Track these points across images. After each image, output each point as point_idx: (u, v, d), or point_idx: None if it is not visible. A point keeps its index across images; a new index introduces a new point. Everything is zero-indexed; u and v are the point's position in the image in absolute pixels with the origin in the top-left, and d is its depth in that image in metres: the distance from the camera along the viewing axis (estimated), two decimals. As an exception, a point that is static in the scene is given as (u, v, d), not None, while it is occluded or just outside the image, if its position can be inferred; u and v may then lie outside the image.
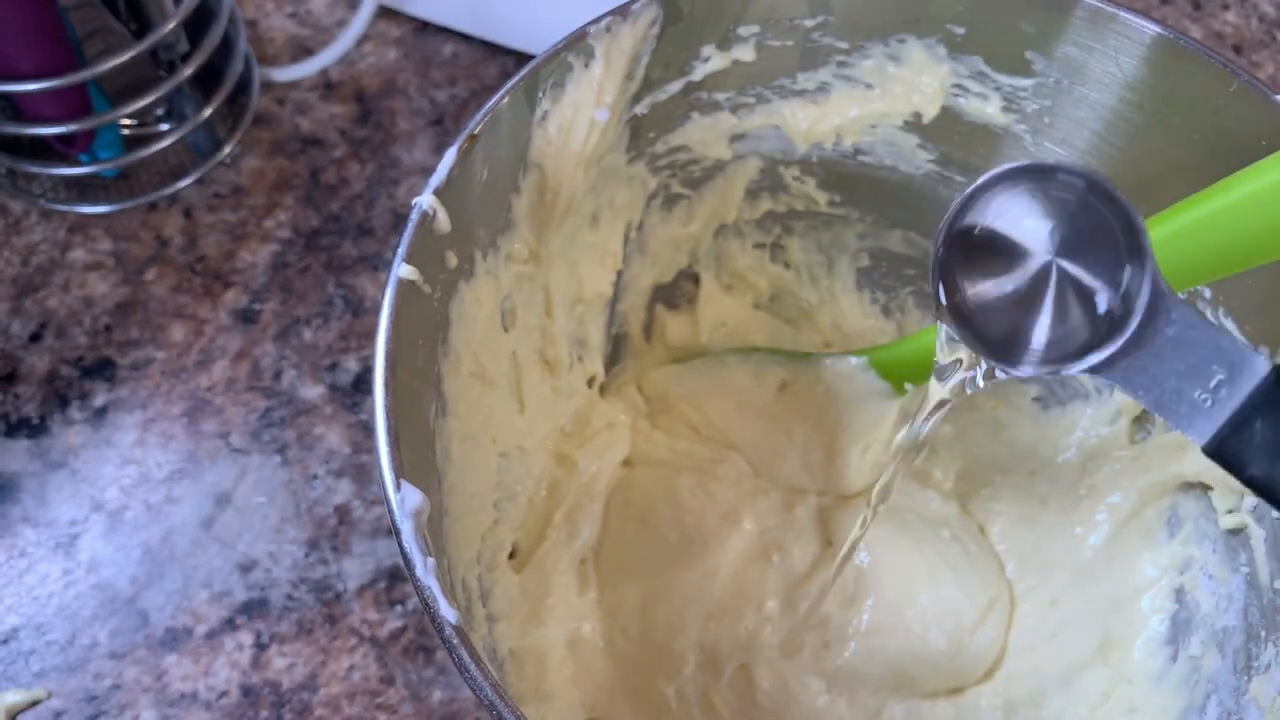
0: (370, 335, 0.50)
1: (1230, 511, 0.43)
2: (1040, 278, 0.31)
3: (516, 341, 0.44)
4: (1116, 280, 0.31)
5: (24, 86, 0.52)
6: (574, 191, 0.43)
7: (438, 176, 0.36)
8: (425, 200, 0.36)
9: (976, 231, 0.32)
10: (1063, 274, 0.31)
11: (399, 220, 0.59)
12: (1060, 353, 0.31)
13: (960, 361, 0.35)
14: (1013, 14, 0.42)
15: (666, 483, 0.49)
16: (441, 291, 0.37)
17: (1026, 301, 0.32)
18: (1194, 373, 0.30)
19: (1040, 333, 0.32)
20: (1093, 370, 0.31)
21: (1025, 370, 0.32)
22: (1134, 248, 0.30)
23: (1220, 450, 0.30)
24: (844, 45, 0.44)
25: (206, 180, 0.60)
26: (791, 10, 0.43)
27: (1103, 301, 0.31)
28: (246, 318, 0.56)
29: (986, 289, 0.32)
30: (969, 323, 0.32)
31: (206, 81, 0.59)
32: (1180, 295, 0.30)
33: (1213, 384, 0.30)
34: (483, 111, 0.38)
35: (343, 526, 0.51)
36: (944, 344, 0.35)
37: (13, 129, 0.55)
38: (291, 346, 0.55)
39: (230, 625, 0.48)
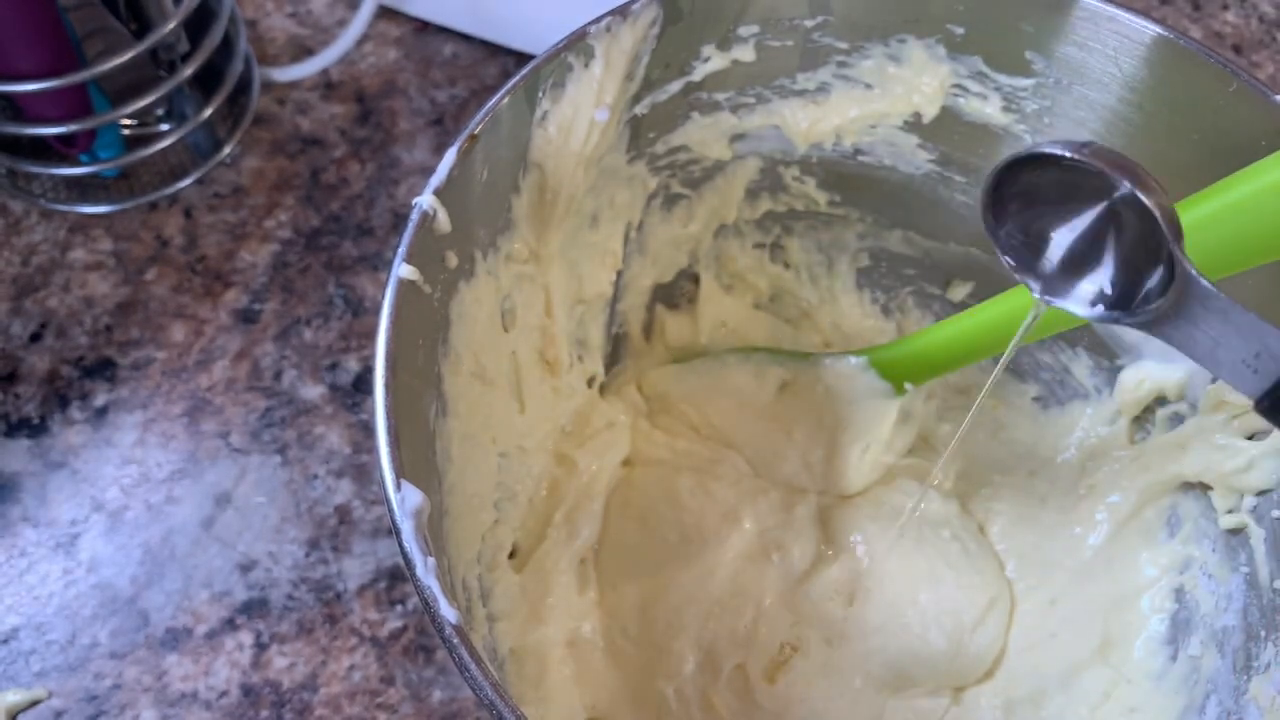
0: (370, 335, 0.50)
1: (1230, 511, 0.43)
2: (1091, 230, 0.33)
3: (516, 341, 0.44)
4: (1137, 256, 0.32)
5: (24, 86, 0.52)
6: (574, 191, 0.43)
7: (438, 176, 0.36)
8: (425, 200, 0.36)
9: (1025, 185, 0.34)
10: (1110, 229, 0.33)
11: (399, 220, 0.59)
12: (1108, 301, 0.33)
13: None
14: (1013, 14, 0.42)
15: (666, 482, 0.49)
16: (441, 291, 0.38)
17: (1078, 250, 0.34)
18: (1235, 343, 0.31)
19: (1092, 281, 0.34)
20: (1138, 328, 0.33)
21: (1070, 304, 0.34)
22: (1155, 233, 0.31)
23: (1268, 411, 0.31)
24: (844, 45, 0.44)
25: (207, 180, 0.60)
26: (791, 10, 0.43)
27: (1119, 276, 0.33)
28: (247, 318, 0.56)
29: (1038, 229, 0.34)
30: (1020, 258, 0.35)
31: (207, 81, 0.59)
32: (1206, 279, 0.31)
33: (1255, 353, 0.31)
34: (483, 111, 0.38)
35: (343, 526, 0.51)
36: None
37: (13, 129, 0.55)
38: (292, 346, 0.55)
39: (230, 625, 0.48)
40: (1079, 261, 0.34)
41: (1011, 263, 0.35)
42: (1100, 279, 0.33)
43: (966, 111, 0.45)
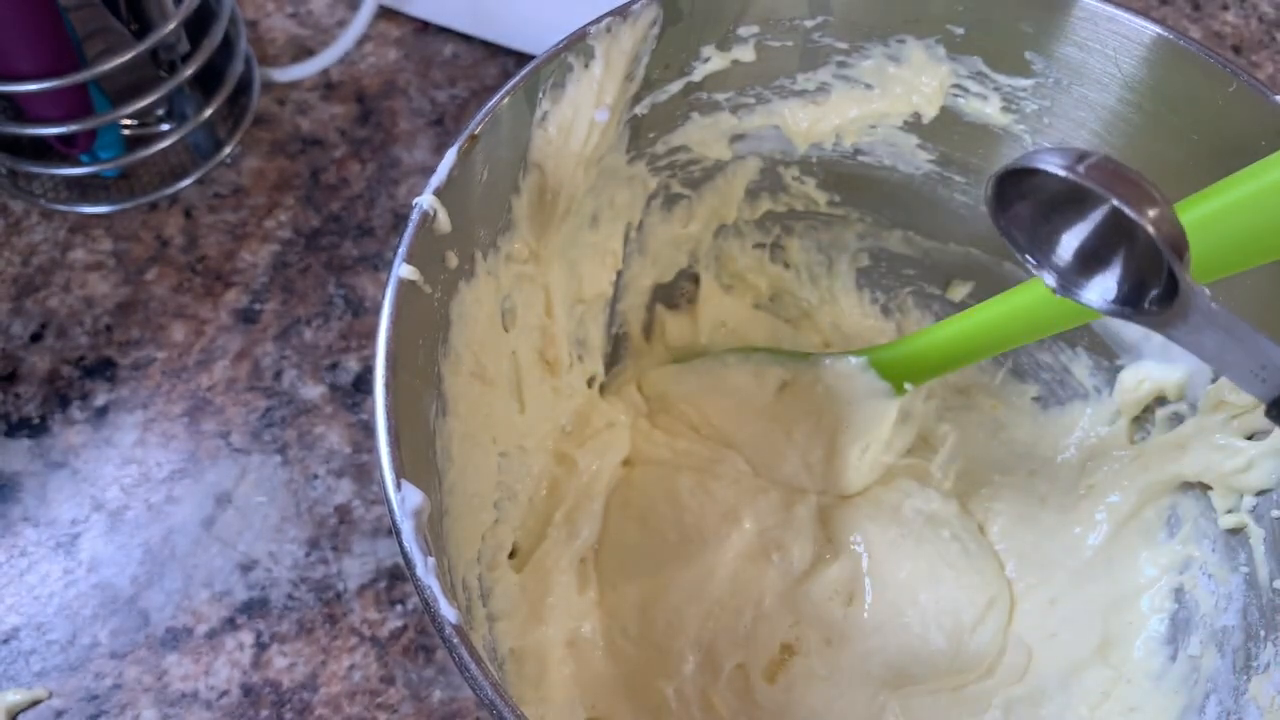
0: (370, 335, 0.50)
1: (1229, 511, 0.43)
2: (1100, 229, 0.33)
3: (516, 341, 0.44)
4: (1144, 258, 0.32)
5: (25, 87, 0.52)
6: (574, 192, 0.43)
7: (438, 177, 0.36)
8: (425, 200, 0.36)
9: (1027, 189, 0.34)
10: (1118, 229, 0.32)
11: (399, 220, 0.59)
12: (1119, 298, 0.33)
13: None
14: (1012, 14, 0.42)
15: (666, 482, 0.49)
16: (442, 291, 0.38)
17: (1089, 247, 0.33)
18: (1241, 354, 0.31)
19: (1104, 277, 0.33)
20: (1148, 327, 0.33)
21: (1083, 296, 0.34)
22: (1149, 246, 0.31)
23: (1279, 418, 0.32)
24: (844, 45, 0.44)
25: (207, 180, 0.60)
26: (791, 10, 0.43)
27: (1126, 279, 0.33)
28: (247, 318, 0.56)
29: (1047, 231, 0.34)
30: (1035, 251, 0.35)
31: (207, 82, 0.59)
32: (1206, 290, 0.31)
33: (1260, 365, 0.31)
34: (483, 112, 0.38)
35: (343, 526, 0.51)
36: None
37: (14, 129, 0.55)
38: (292, 346, 0.55)
39: (231, 625, 0.48)
40: (1090, 257, 0.34)
41: (1032, 261, 0.34)
42: (1111, 276, 0.33)
43: (966, 112, 0.45)
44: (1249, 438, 0.42)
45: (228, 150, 0.60)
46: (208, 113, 0.58)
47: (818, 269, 0.53)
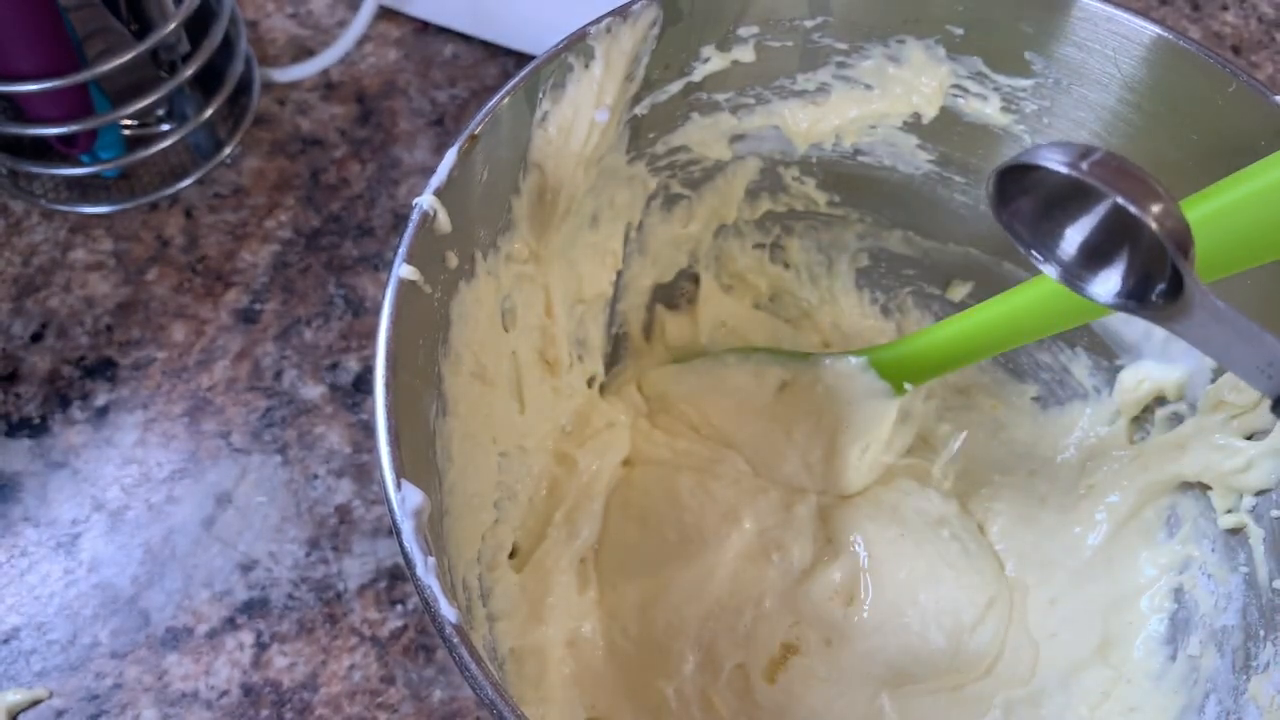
0: (371, 335, 0.50)
1: (1229, 511, 0.43)
2: (1105, 223, 0.33)
3: (517, 341, 0.44)
4: (1150, 252, 0.32)
5: (25, 87, 0.52)
6: (574, 192, 0.43)
7: (438, 177, 0.36)
8: (426, 200, 0.36)
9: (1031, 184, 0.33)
10: (1123, 223, 0.32)
11: (399, 220, 0.59)
12: (1124, 291, 0.33)
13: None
14: (1012, 14, 0.42)
15: (666, 482, 0.49)
16: (442, 291, 0.38)
17: (1094, 240, 0.33)
18: (1247, 351, 0.31)
19: (1109, 271, 0.33)
20: (1154, 322, 0.32)
21: (1089, 289, 0.33)
22: (1153, 242, 0.31)
23: None
24: (843, 46, 0.44)
25: (207, 180, 0.60)
26: (791, 11, 0.43)
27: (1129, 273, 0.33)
28: (247, 318, 0.56)
29: (1049, 227, 0.34)
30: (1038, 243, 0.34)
31: (207, 82, 0.59)
32: (1213, 295, 0.31)
33: (1267, 361, 0.31)
34: (483, 112, 0.38)
35: (343, 526, 0.51)
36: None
37: (14, 129, 0.55)
38: (292, 346, 0.55)
39: (231, 625, 0.48)
40: (1094, 252, 0.33)
41: (1038, 256, 0.34)
42: (1116, 270, 0.33)
43: (966, 112, 0.45)
44: (1248, 438, 0.42)
45: (228, 150, 0.60)
46: (208, 113, 0.58)
47: (818, 269, 0.53)
